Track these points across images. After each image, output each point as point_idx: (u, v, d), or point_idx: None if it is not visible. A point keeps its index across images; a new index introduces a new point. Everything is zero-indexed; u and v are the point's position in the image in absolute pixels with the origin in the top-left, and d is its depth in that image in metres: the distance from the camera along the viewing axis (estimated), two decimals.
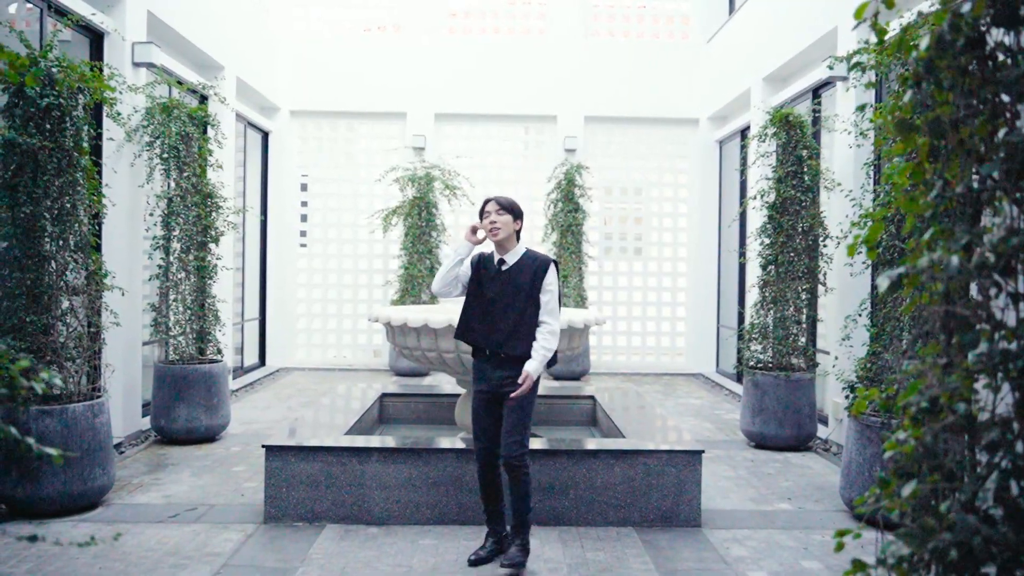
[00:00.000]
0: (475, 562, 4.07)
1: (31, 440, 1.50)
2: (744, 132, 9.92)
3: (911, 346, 4.40)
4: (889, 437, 1.57)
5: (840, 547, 1.59)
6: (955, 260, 1.41)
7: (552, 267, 4.11)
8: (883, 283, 1.53)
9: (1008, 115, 1.50)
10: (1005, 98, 1.50)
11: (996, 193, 1.46)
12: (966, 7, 1.42)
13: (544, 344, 4.03)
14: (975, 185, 1.51)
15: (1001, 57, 1.52)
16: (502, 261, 4.13)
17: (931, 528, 1.37)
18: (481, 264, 4.19)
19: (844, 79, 6.73)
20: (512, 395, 3.95)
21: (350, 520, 4.67)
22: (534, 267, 4.09)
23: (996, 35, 1.51)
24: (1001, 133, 1.49)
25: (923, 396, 1.47)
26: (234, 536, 4.46)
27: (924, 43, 1.49)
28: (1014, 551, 1.31)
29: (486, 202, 4.18)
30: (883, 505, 1.52)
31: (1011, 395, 1.39)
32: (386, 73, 11.05)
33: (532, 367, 3.99)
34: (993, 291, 1.43)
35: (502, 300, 4.07)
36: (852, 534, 1.56)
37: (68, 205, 4.88)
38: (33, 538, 1.53)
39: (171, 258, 6.76)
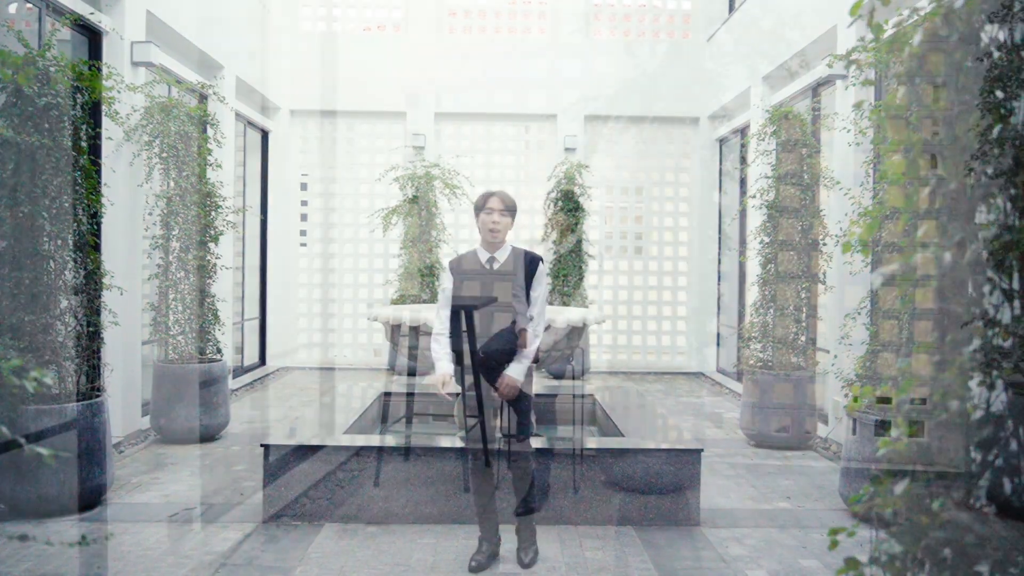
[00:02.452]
0: (476, 568, 3.98)
1: (22, 439, 1.50)
2: (744, 131, 9.91)
3: (907, 344, 4.39)
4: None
5: (834, 545, 1.59)
6: (948, 257, 1.41)
7: (542, 263, 4.06)
8: (876, 280, 1.53)
9: (1002, 111, 1.49)
10: (999, 94, 1.49)
11: (990, 189, 1.45)
12: (959, 2, 1.42)
13: (528, 353, 3.95)
14: (969, 181, 1.50)
15: (996, 53, 1.51)
16: (492, 259, 4.05)
17: (924, 526, 1.36)
18: (462, 266, 4.09)
19: (843, 77, 6.72)
20: (504, 396, 3.91)
21: (349, 519, 4.66)
22: (525, 263, 4.02)
23: (990, 31, 1.50)
24: (995, 129, 1.48)
25: (916, 393, 1.47)
26: (233, 535, 4.46)
27: (917, 38, 1.48)
28: (1007, 549, 1.30)
29: (488, 197, 4.04)
30: (877, 503, 1.52)
31: (1005, 393, 1.38)
32: (386, 72, 11.04)
33: (516, 372, 3.93)
34: (987, 288, 1.42)
35: (496, 299, 3.99)
36: (846, 532, 1.55)
37: (67, 204, 4.87)
38: (23, 537, 1.53)
39: (170, 257, 6.76)
